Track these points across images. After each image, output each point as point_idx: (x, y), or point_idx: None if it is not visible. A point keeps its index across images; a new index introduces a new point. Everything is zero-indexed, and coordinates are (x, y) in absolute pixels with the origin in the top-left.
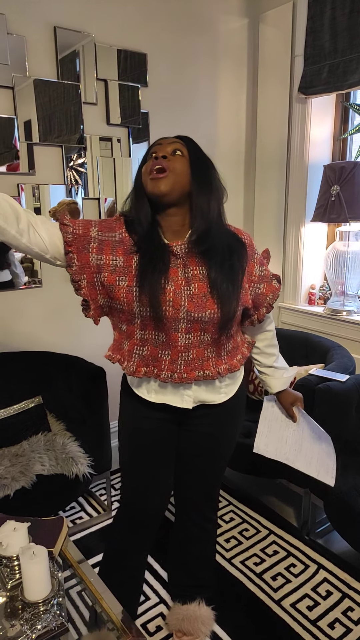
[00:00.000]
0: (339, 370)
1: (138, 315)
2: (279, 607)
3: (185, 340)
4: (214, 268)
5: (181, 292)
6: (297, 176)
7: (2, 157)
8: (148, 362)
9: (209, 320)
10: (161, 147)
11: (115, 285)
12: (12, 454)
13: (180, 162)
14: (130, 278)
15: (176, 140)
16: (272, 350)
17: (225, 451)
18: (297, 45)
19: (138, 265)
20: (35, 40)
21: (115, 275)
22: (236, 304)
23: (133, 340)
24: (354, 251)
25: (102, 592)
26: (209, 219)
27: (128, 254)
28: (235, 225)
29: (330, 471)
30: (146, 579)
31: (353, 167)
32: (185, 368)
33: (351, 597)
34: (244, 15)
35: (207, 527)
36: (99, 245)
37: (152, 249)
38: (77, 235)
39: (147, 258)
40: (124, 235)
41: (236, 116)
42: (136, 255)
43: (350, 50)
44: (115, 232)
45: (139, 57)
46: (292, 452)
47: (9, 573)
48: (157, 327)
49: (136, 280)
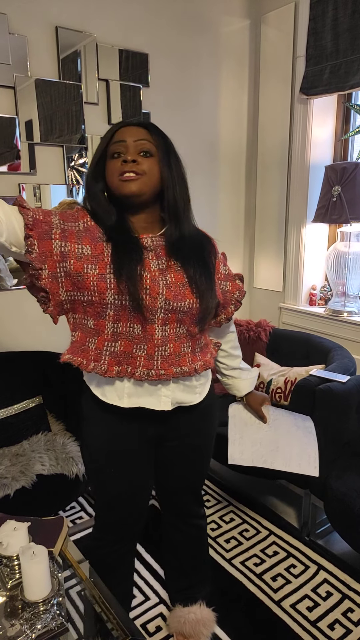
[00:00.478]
0: (340, 371)
1: (111, 306)
2: (279, 607)
3: (162, 333)
4: (188, 262)
5: (157, 281)
6: (299, 177)
7: (3, 156)
8: (121, 360)
9: (187, 310)
10: (128, 149)
11: (83, 274)
12: (13, 454)
13: (150, 163)
14: (101, 266)
15: (144, 139)
16: (237, 352)
17: (207, 453)
18: (298, 46)
19: (113, 252)
20: (36, 40)
21: (83, 263)
22: (214, 296)
23: (103, 337)
24: (355, 252)
25: (101, 592)
26: (181, 214)
27: (97, 242)
28: (236, 226)
29: (312, 461)
30: (145, 579)
31: (354, 167)
32: (163, 364)
33: (351, 598)
34: (246, 16)
35: (200, 523)
36: (62, 232)
37: (124, 239)
38: (37, 220)
39: (121, 246)
40: (90, 224)
41: (237, 117)
42: (107, 244)
43: (352, 51)
44: (79, 221)
45: (140, 57)
46: (269, 453)
47: (9, 573)
48: (132, 318)
49: (110, 267)
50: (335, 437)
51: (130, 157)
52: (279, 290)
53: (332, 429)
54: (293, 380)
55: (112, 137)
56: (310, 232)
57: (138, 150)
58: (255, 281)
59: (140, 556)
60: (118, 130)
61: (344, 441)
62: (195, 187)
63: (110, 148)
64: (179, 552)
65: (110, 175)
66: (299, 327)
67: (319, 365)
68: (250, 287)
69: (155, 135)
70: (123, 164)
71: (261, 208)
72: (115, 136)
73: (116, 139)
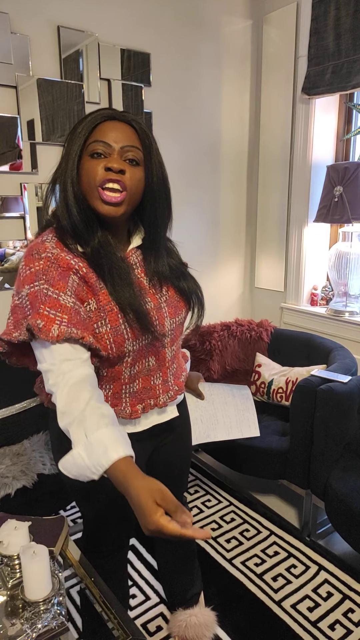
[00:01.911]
0: (341, 371)
1: (129, 354)
2: (279, 608)
3: (171, 353)
4: (169, 269)
5: (160, 305)
6: (300, 176)
7: (5, 156)
8: (142, 397)
9: (182, 321)
10: (112, 153)
11: (97, 334)
12: (14, 453)
13: (137, 174)
14: (112, 317)
15: (133, 145)
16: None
17: (190, 448)
18: (300, 46)
19: (113, 289)
20: (38, 39)
21: (92, 322)
22: (197, 285)
23: (120, 382)
24: (356, 252)
25: (102, 591)
26: (160, 233)
27: (98, 290)
28: (237, 226)
29: (251, 424)
30: (146, 579)
31: (356, 167)
32: (175, 381)
33: (352, 599)
34: (248, 17)
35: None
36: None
37: (113, 259)
38: (75, 321)
39: (117, 279)
40: (84, 271)
41: (239, 117)
42: (100, 282)
43: (354, 51)
44: (71, 270)
45: (142, 56)
46: (211, 427)
47: (10, 572)
48: (147, 354)
49: (121, 316)
50: (337, 438)
51: (116, 165)
52: (281, 290)
53: (333, 429)
54: (294, 380)
55: (91, 132)
56: (311, 232)
57: (126, 158)
58: (257, 281)
59: (140, 556)
60: (100, 124)
61: (345, 441)
62: (197, 187)
63: (89, 146)
64: (171, 557)
65: (85, 176)
66: (300, 327)
67: (321, 365)
68: (252, 287)
69: (143, 139)
70: (107, 171)
71: (263, 208)
72: (97, 133)
73: (98, 137)
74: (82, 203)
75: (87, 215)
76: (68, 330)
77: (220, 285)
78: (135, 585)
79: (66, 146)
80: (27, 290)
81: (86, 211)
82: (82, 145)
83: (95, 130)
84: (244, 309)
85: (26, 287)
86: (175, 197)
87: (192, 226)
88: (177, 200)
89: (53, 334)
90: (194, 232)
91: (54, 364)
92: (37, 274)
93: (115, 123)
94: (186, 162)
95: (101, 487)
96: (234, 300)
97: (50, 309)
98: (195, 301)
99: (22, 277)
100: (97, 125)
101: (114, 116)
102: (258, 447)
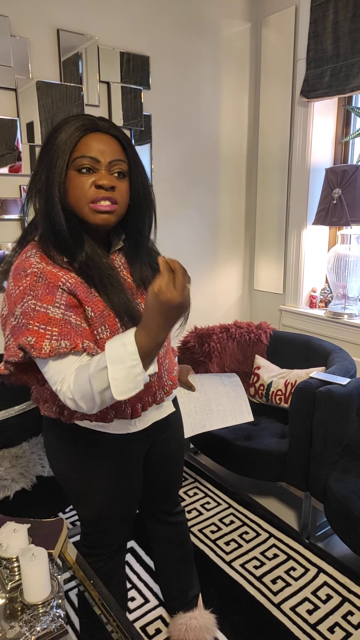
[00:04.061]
0: (340, 374)
1: None
2: (278, 610)
3: (163, 350)
4: (151, 271)
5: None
6: (299, 179)
7: (4, 158)
8: (139, 395)
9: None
10: (101, 169)
11: (97, 341)
12: (13, 455)
13: (124, 186)
14: (111, 322)
15: (120, 159)
16: None
17: (184, 444)
18: (299, 49)
19: (107, 297)
20: (38, 42)
21: (92, 329)
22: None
23: None
24: (355, 254)
25: (101, 594)
26: (147, 235)
27: (91, 297)
28: (236, 228)
29: (244, 410)
30: (145, 581)
31: (355, 170)
32: (169, 376)
33: (351, 601)
34: (247, 19)
35: (180, 518)
36: (69, 304)
37: (102, 268)
38: (66, 326)
39: (109, 287)
40: (73, 281)
41: (238, 119)
42: (92, 290)
43: (353, 54)
44: (59, 282)
45: (141, 59)
46: (205, 418)
47: (9, 574)
48: None
49: (118, 320)
50: (336, 440)
51: (107, 182)
52: (280, 293)
53: (332, 432)
54: (293, 382)
55: (76, 144)
56: (310, 235)
57: (114, 172)
58: (256, 283)
59: (140, 558)
60: (85, 137)
61: (344, 443)
62: (196, 189)
63: (76, 160)
64: (169, 558)
65: (74, 191)
66: (299, 329)
67: (319, 367)
68: (251, 289)
69: (130, 152)
70: (98, 189)
71: (262, 210)
72: (82, 147)
73: (85, 152)
74: (70, 217)
75: (74, 229)
76: (57, 345)
77: (220, 287)
78: (134, 587)
79: (47, 158)
80: (19, 310)
81: (74, 225)
82: (67, 160)
83: (80, 144)
84: (243, 311)
85: (18, 307)
86: (175, 199)
87: (191, 228)
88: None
89: (45, 351)
90: (194, 234)
91: (53, 376)
92: (25, 291)
93: (99, 135)
94: (185, 165)
95: (97, 489)
96: (233, 302)
97: (40, 324)
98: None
99: (13, 297)
100: (83, 138)
101: (97, 128)
102: (257, 449)
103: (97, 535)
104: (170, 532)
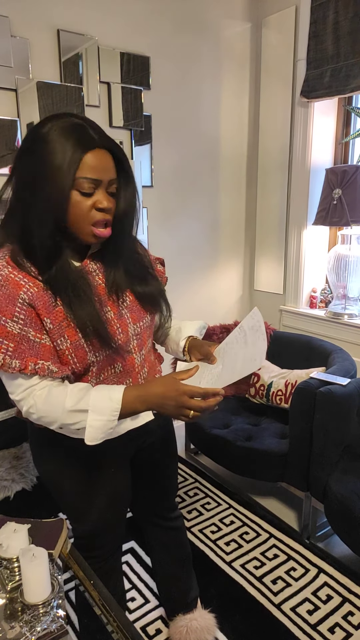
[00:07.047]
0: (340, 374)
1: (94, 364)
2: (279, 611)
3: (140, 358)
4: (125, 277)
5: (121, 312)
6: (299, 179)
7: (4, 159)
8: None
9: (149, 324)
10: (100, 188)
11: (57, 352)
12: (13, 456)
13: (114, 204)
14: (70, 332)
15: (115, 177)
16: (176, 322)
17: (176, 452)
18: (299, 49)
19: (70, 309)
20: (38, 42)
21: (52, 340)
22: (159, 287)
23: None
24: (355, 255)
25: (101, 594)
26: (127, 244)
27: (52, 308)
28: (237, 229)
29: (258, 357)
30: (145, 582)
31: (355, 170)
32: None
33: (351, 602)
34: (247, 20)
35: (177, 524)
36: (28, 322)
37: (70, 278)
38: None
39: (72, 294)
40: (35, 290)
41: (238, 119)
42: (56, 299)
43: (353, 54)
44: (20, 292)
45: (142, 60)
46: (229, 377)
47: (9, 575)
48: (112, 361)
49: (78, 330)
50: (336, 440)
51: (107, 204)
52: (280, 293)
53: (333, 432)
54: (294, 382)
55: (80, 161)
56: (310, 235)
57: (109, 190)
58: (256, 283)
59: (140, 559)
60: (89, 153)
61: (344, 444)
62: (197, 190)
63: (77, 181)
64: (168, 561)
65: (76, 212)
66: (299, 329)
67: (320, 367)
68: (251, 290)
69: (127, 168)
70: (99, 211)
71: (262, 211)
72: (85, 168)
73: (87, 174)
74: (57, 232)
75: (57, 243)
76: (9, 363)
77: (220, 287)
78: (134, 588)
79: (36, 168)
80: None
81: (58, 240)
82: (71, 183)
83: (82, 164)
84: (243, 311)
85: None
86: (175, 199)
87: (191, 229)
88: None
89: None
90: (194, 235)
91: (10, 386)
92: None
93: (99, 153)
94: (185, 165)
95: (90, 501)
96: (233, 302)
97: None
98: (157, 303)
99: None
100: (87, 155)
101: (95, 144)
102: (257, 450)
103: (91, 543)
104: (166, 537)
